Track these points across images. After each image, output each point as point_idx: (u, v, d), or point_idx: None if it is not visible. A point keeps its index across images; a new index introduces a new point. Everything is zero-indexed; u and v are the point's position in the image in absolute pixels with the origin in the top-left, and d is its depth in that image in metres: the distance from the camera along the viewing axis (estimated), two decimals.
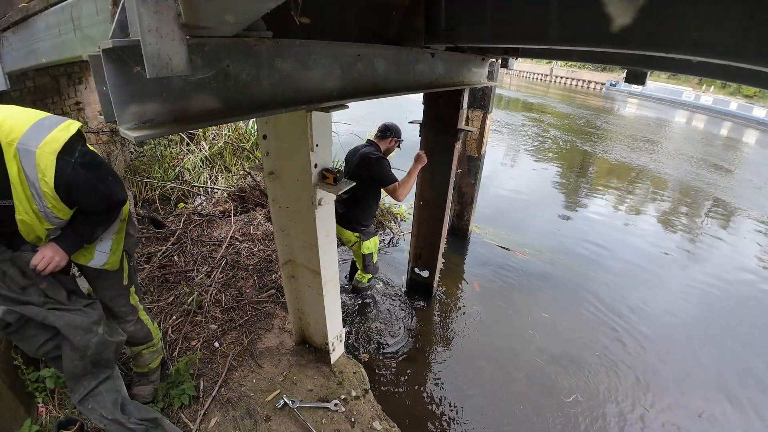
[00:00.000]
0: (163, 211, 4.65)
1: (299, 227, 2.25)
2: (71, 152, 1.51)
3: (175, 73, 0.78)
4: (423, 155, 3.05)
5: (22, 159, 1.42)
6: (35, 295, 1.74)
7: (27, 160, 1.42)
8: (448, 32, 1.82)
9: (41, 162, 1.43)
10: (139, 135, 0.88)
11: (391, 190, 3.00)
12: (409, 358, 3.23)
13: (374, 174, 3.03)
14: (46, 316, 1.74)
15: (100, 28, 1.59)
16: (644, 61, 2.23)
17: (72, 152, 1.51)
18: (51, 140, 1.45)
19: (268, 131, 2.03)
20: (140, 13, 0.70)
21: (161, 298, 3.17)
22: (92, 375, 1.85)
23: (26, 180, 1.45)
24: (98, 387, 1.86)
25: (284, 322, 3.11)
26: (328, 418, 2.39)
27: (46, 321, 1.74)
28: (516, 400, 2.93)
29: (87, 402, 1.83)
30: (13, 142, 1.40)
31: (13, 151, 1.41)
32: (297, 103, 1.31)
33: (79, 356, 1.79)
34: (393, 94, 1.79)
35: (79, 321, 1.79)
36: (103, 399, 1.85)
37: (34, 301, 1.73)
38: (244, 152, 6.43)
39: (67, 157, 1.49)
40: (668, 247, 5.72)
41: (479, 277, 4.42)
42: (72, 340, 1.77)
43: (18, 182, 1.44)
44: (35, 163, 1.43)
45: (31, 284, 1.72)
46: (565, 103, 23.06)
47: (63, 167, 1.48)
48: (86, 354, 1.79)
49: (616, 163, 10.32)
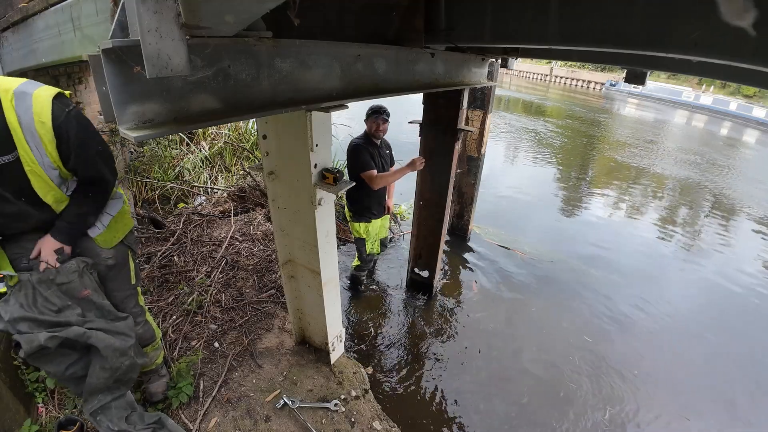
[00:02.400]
0: (162, 211, 4.65)
1: (299, 227, 2.25)
2: (65, 102, 1.54)
3: (175, 73, 0.78)
4: (418, 163, 3.11)
5: (17, 103, 1.44)
6: (73, 316, 1.72)
7: (22, 102, 1.44)
8: (448, 32, 1.82)
9: (37, 103, 1.46)
10: (139, 135, 0.88)
11: (365, 177, 3.13)
12: (408, 358, 3.23)
13: (348, 161, 3.25)
14: (89, 336, 1.74)
15: (99, 28, 1.60)
16: (644, 61, 2.23)
17: (66, 103, 1.54)
18: (45, 89, 1.51)
19: (268, 131, 2.03)
20: (140, 13, 0.70)
21: (161, 298, 3.17)
22: (109, 391, 1.87)
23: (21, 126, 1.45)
24: (111, 402, 1.89)
25: (284, 322, 3.11)
26: (328, 418, 2.39)
27: (90, 341, 1.74)
28: (515, 401, 2.93)
29: (97, 414, 1.86)
30: (10, 89, 1.45)
31: (10, 96, 1.43)
32: (297, 103, 1.31)
33: (109, 375, 1.82)
34: (393, 94, 1.79)
35: (119, 344, 1.83)
36: (112, 413, 1.89)
37: (73, 322, 1.71)
38: (244, 152, 6.44)
39: (61, 104, 1.51)
40: (669, 246, 5.73)
41: (479, 277, 4.42)
42: (109, 362, 1.80)
43: (18, 130, 1.45)
44: (31, 104, 1.45)
45: (66, 306, 1.70)
46: (565, 102, 23.06)
47: (57, 112, 1.49)
48: (115, 374, 1.84)
49: (616, 163, 10.31)
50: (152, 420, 2.00)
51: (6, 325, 1.63)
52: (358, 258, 3.78)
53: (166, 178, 5.29)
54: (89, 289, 1.77)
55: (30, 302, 1.64)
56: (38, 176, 1.55)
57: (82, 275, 1.75)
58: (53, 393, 2.29)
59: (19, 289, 1.64)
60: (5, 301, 1.66)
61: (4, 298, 1.68)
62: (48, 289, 1.66)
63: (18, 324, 1.62)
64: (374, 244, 3.70)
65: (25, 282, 1.64)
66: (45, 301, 1.66)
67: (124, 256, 1.94)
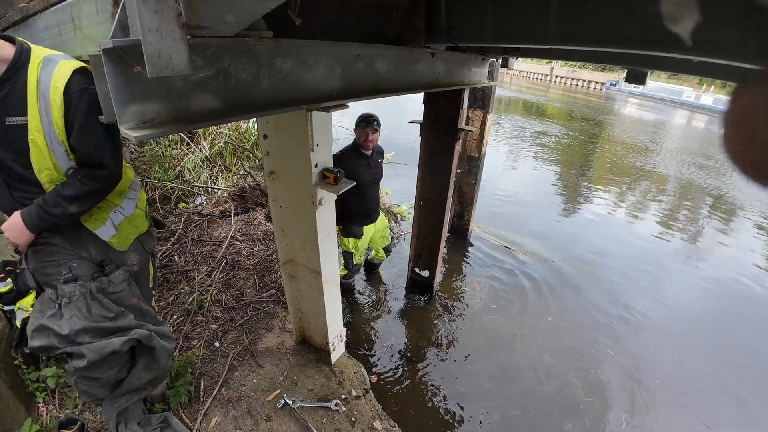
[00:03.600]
0: (163, 211, 4.65)
1: (299, 227, 2.25)
2: (87, 78, 1.49)
3: (176, 72, 0.78)
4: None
5: (42, 68, 1.44)
6: (131, 320, 1.72)
7: (47, 67, 1.45)
8: (449, 32, 1.82)
9: (59, 69, 1.45)
10: (140, 135, 0.88)
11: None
12: (409, 358, 3.23)
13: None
14: (152, 338, 1.77)
15: (100, 28, 1.60)
16: (645, 61, 2.23)
17: (88, 79, 1.49)
18: (73, 61, 1.51)
19: (268, 131, 2.03)
20: (141, 12, 0.70)
21: (162, 298, 3.17)
22: (137, 392, 1.87)
23: (38, 90, 1.44)
24: (136, 403, 1.92)
25: (285, 322, 3.11)
26: (328, 418, 2.39)
27: (152, 343, 1.77)
28: (516, 400, 2.93)
29: (119, 416, 1.88)
30: (41, 55, 1.46)
31: (38, 61, 1.45)
32: (297, 103, 1.31)
33: (152, 376, 1.86)
34: (393, 94, 1.78)
35: (169, 347, 1.89)
36: (132, 414, 1.93)
37: (133, 325, 1.72)
38: (244, 152, 6.44)
39: (81, 77, 1.48)
40: (670, 246, 5.72)
41: (479, 277, 4.42)
42: (159, 363, 1.84)
43: (34, 93, 1.43)
44: (53, 69, 1.45)
45: (120, 312, 1.70)
46: (565, 102, 23.04)
47: (75, 82, 1.46)
48: (157, 374, 1.88)
49: (617, 163, 10.31)
50: (159, 420, 2.05)
51: (60, 340, 1.57)
52: (344, 267, 3.69)
53: (166, 178, 5.30)
54: (136, 297, 1.79)
55: (86, 313, 1.60)
56: (38, 148, 1.46)
57: (130, 284, 1.76)
58: (54, 393, 2.29)
59: (69, 302, 1.58)
60: (56, 316, 1.57)
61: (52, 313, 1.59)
62: (103, 299, 1.65)
63: (79, 336, 1.58)
64: (374, 254, 3.63)
65: (76, 293, 1.59)
66: (100, 310, 1.63)
67: (146, 262, 1.95)
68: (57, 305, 1.58)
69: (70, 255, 1.64)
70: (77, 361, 1.60)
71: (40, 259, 1.61)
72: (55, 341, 1.56)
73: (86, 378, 1.69)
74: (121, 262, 1.77)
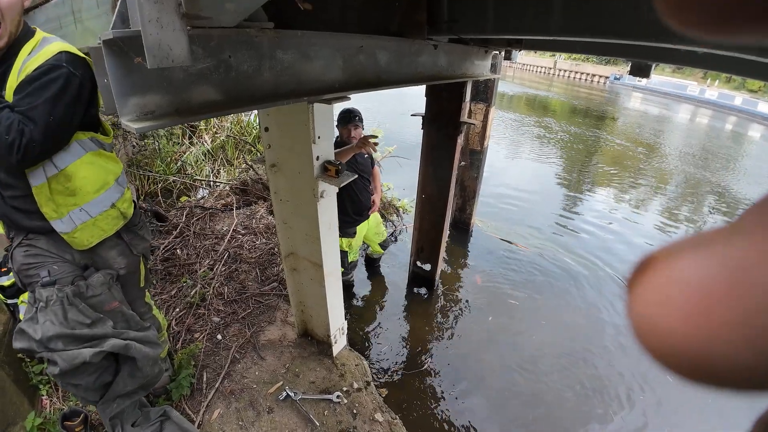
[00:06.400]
0: (165, 205, 4.66)
1: (301, 220, 2.25)
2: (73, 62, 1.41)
3: (176, 63, 0.78)
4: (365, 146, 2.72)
5: (36, 47, 1.42)
6: (108, 328, 1.66)
7: (39, 47, 1.42)
8: (451, 24, 1.81)
9: (48, 49, 1.41)
10: (141, 127, 0.88)
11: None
12: (410, 351, 3.25)
13: None
14: (129, 348, 1.70)
15: (100, 21, 1.59)
16: (649, 53, 2.20)
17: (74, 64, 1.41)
18: (68, 45, 1.45)
19: (269, 123, 2.03)
20: (141, 3, 0.70)
21: (164, 291, 3.19)
22: (128, 396, 1.84)
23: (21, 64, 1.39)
24: (129, 407, 1.91)
25: (287, 315, 3.12)
26: (330, 410, 2.41)
27: (129, 353, 1.70)
28: (516, 395, 2.94)
29: (115, 420, 1.88)
30: (41, 36, 1.45)
31: (36, 41, 1.43)
32: (299, 95, 1.31)
33: (138, 383, 1.81)
34: (395, 86, 1.78)
35: (153, 354, 1.82)
36: (126, 417, 1.92)
37: (110, 334, 1.65)
38: (246, 145, 6.43)
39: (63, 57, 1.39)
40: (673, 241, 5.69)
41: (481, 271, 4.42)
42: (143, 371, 1.78)
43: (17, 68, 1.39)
44: (41, 49, 1.41)
45: (98, 318, 1.64)
46: (569, 96, 22.90)
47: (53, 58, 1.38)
48: (143, 381, 1.83)
49: (620, 158, 10.26)
50: (158, 415, 2.04)
51: (36, 344, 1.52)
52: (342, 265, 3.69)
53: (168, 172, 5.30)
54: (117, 301, 1.74)
55: (61, 318, 1.54)
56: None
57: (110, 287, 1.71)
58: (57, 385, 2.31)
59: (46, 306, 1.53)
60: (32, 320, 1.54)
61: (29, 316, 1.56)
62: (80, 304, 1.59)
63: (51, 342, 1.52)
64: (371, 250, 3.64)
65: (53, 298, 1.54)
66: (77, 316, 1.57)
67: (136, 264, 1.89)
68: (34, 309, 1.55)
69: (53, 257, 1.60)
70: (52, 367, 1.56)
71: (24, 260, 1.58)
72: (33, 345, 1.54)
73: (67, 383, 1.66)
74: (105, 266, 1.73)
